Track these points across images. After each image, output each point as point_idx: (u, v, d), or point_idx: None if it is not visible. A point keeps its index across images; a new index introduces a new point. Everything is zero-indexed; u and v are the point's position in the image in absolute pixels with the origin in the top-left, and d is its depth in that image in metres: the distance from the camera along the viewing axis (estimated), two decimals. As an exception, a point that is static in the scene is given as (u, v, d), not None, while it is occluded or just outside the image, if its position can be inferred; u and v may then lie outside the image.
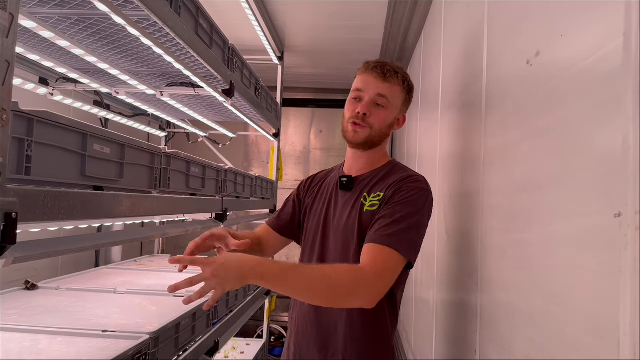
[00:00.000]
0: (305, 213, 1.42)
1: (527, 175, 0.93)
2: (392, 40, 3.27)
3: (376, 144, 1.32)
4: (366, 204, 1.25)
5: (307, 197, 1.43)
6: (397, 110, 1.32)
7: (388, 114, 1.30)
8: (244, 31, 3.12)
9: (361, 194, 1.28)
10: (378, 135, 1.30)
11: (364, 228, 1.22)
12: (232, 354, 3.13)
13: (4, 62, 0.74)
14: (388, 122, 1.31)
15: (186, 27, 1.50)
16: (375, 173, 1.32)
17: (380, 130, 1.30)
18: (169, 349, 1.54)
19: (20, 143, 0.88)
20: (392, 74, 1.29)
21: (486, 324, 1.16)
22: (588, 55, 0.70)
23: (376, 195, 1.25)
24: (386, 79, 1.28)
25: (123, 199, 1.21)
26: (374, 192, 1.26)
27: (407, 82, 1.33)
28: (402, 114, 1.35)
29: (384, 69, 1.29)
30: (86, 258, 3.06)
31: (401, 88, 1.31)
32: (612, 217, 0.60)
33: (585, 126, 0.71)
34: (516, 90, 1.02)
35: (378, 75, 1.29)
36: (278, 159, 3.70)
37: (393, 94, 1.29)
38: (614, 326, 0.59)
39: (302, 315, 1.31)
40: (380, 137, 1.31)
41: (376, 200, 1.24)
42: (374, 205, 1.23)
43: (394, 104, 1.30)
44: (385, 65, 1.30)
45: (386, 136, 1.33)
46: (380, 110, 1.29)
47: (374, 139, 1.30)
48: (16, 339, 1.34)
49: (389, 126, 1.32)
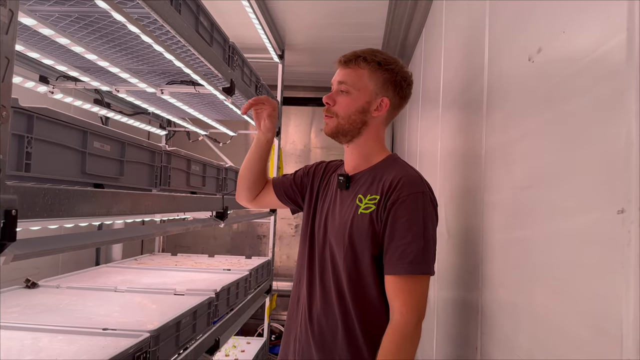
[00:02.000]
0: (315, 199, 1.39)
1: (529, 172, 0.93)
2: (393, 38, 3.26)
3: (352, 133, 1.27)
4: (361, 206, 1.23)
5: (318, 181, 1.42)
6: (367, 94, 1.25)
7: (352, 100, 1.25)
8: (245, 29, 3.12)
9: (356, 195, 1.26)
10: (347, 123, 1.26)
11: (354, 231, 1.21)
12: (232, 353, 3.13)
13: (3, 58, 0.73)
14: (355, 108, 1.25)
15: (186, 25, 1.49)
16: (371, 171, 1.28)
17: (349, 117, 1.25)
18: (169, 347, 1.54)
19: (20, 140, 0.88)
20: (352, 58, 1.26)
21: (488, 322, 1.15)
22: (591, 51, 0.70)
23: (372, 198, 1.22)
24: (346, 65, 1.27)
25: (123, 196, 1.21)
26: (369, 193, 1.23)
27: (379, 62, 1.26)
28: (381, 97, 1.26)
29: (345, 57, 1.27)
30: (86, 257, 3.06)
31: (369, 70, 1.25)
32: (615, 214, 0.60)
33: (588, 122, 0.70)
34: (518, 87, 1.01)
35: (339, 64, 1.28)
36: (279, 157, 3.70)
37: (356, 78, 1.25)
38: (617, 323, 0.58)
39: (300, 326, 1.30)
40: (352, 125, 1.26)
41: (372, 204, 1.21)
42: (369, 208, 1.21)
43: (360, 88, 1.25)
44: (348, 54, 1.28)
45: (361, 123, 1.26)
46: (344, 97, 1.26)
47: (344, 127, 1.26)
48: (17, 337, 1.34)
49: (359, 112, 1.25)
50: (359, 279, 1.21)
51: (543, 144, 0.86)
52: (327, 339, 1.24)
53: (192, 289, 2.05)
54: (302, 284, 1.33)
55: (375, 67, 1.26)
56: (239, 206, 2.48)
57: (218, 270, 2.71)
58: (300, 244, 1.39)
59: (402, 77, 1.29)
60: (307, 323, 1.28)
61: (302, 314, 1.30)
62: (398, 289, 1.15)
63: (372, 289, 1.21)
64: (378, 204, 1.20)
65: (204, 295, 1.97)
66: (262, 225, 4.74)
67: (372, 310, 1.21)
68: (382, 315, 1.20)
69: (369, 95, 1.26)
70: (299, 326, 1.31)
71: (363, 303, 1.21)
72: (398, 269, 1.15)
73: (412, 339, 1.13)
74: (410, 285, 1.15)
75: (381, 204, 1.19)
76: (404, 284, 1.15)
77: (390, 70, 1.27)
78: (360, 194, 1.25)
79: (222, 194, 2.21)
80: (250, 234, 4.79)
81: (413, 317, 1.13)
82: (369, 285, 1.21)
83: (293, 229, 4.80)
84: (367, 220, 1.20)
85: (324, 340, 1.24)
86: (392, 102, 1.28)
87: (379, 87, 1.26)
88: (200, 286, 2.16)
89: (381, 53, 1.29)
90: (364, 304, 1.21)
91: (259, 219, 3.97)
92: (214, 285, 2.17)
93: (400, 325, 1.13)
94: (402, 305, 1.14)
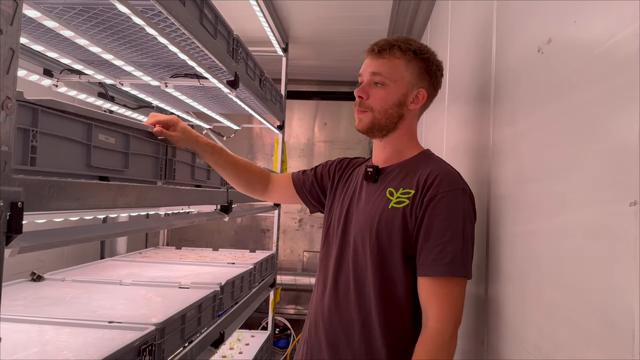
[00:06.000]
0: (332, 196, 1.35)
1: (538, 165, 0.92)
2: (398, 31, 3.24)
3: (388, 128, 1.20)
4: (392, 200, 1.15)
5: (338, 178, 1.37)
6: (404, 86, 1.18)
7: (389, 92, 1.18)
8: (248, 22, 3.10)
9: (386, 188, 1.18)
10: (384, 117, 1.19)
11: (383, 226, 1.14)
12: (237, 346, 3.14)
13: (8, 50, 0.73)
14: (392, 101, 1.18)
15: (191, 17, 1.48)
16: (403, 165, 1.21)
17: (385, 111, 1.18)
18: (174, 340, 1.54)
19: (25, 133, 0.87)
20: (386, 47, 1.17)
21: (494, 316, 1.15)
22: (602, 42, 0.69)
23: (405, 192, 1.14)
24: (380, 55, 1.18)
25: (129, 189, 1.21)
26: (402, 187, 1.15)
27: (414, 51, 1.18)
28: (418, 88, 1.19)
29: (377, 45, 1.18)
30: (91, 250, 3.07)
31: (405, 60, 1.18)
32: (627, 206, 0.59)
33: (599, 114, 0.69)
34: (526, 79, 1.00)
35: (370, 53, 1.20)
36: (282, 151, 3.69)
37: (391, 68, 1.17)
38: (629, 316, 0.58)
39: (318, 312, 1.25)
40: (388, 119, 1.19)
41: (405, 198, 1.13)
42: (402, 203, 1.13)
43: (396, 79, 1.17)
44: (380, 42, 1.19)
45: (398, 117, 1.19)
46: (379, 89, 1.18)
47: (380, 121, 1.19)
48: (23, 330, 1.35)
49: (396, 105, 1.18)
50: (384, 278, 1.14)
51: (552, 136, 0.85)
52: (339, 341, 1.18)
53: (197, 282, 2.06)
54: (319, 283, 1.29)
55: (411, 57, 1.18)
56: (243, 200, 2.48)
57: (222, 263, 2.71)
58: (320, 243, 1.34)
59: (437, 66, 1.23)
60: (320, 323, 1.23)
61: (317, 314, 1.25)
62: (433, 292, 1.07)
63: (399, 289, 1.13)
64: (413, 199, 1.12)
65: (208, 288, 1.97)
66: (266, 219, 4.75)
67: (397, 312, 1.13)
68: (407, 319, 1.13)
69: (406, 87, 1.19)
70: (313, 326, 1.26)
71: (387, 304, 1.13)
72: (434, 270, 1.07)
73: (447, 348, 1.05)
74: (447, 290, 1.06)
75: (417, 199, 1.12)
76: (440, 287, 1.07)
77: (427, 60, 1.20)
78: (391, 187, 1.17)
79: (227, 187, 2.21)
80: (254, 228, 4.80)
81: (449, 325, 1.05)
82: (395, 286, 1.13)
83: (297, 223, 4.80)
84: (399, 216, 1.12)
85: (337, 342, 1.18)
86: (428, 93, 1.22)
87: (415, 78, 1.19)
88: (205, 279, 2.16)
89: (414, 41, 1.22)
90: (388, 305, 1.13)
91: (263, 213, 3.97)
92: (218, 278, 2.17)
93: (435, 333, 1.05)
94: (437, 311, 1.06)
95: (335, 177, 1.38)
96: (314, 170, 1.45)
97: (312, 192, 1.43)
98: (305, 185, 1.44)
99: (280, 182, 1.51)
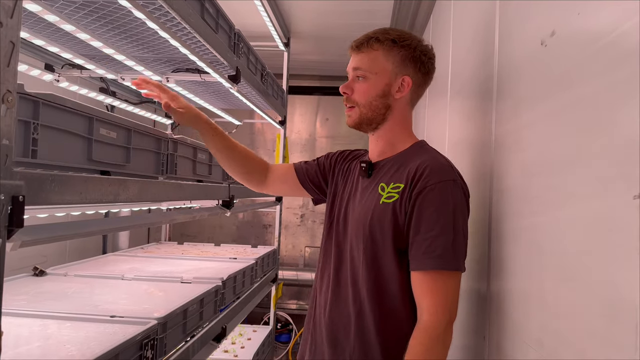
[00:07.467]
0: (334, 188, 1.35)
1: (541, 159, 0.91)
2: (400, 25, 3.22)
3: (376, 121, 1.20)
4: (383, 195, 1.15)
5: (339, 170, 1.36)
6: (386, 76, 1.18)
7: (371, 84, 1.18)
8: (250, 17, 3.09)
9: (378, 183, 1.18)
10: (369, 110, 1.19)
11: (375, 222, 1.13)
12: (239, 340, 3.15)
13: (8, 43, 0.73)
14: (375, 93, 1.18)
15: (192, 11, 1.48)
16: (396, 159, 1.20)
17: (370, 104, 1.18)
18: (177, 335, 1.55)
19: (27, 126, 0.87)
20: (364, 41, 1.19)
21: (496, 310, 1.15)
22: (606, 33, 0.68)
23: (395, 186, 1.13)
24: (359, 49, 1.20)
25: (130, 184, 1.21)
26: (393, 181, 1.15)
27: (393, 40, 1.18)
28: (401, 76, 1.18)
29: (356, 41, 1.20)
30: (93, 245, 3.07)
31: (384, 50, 1.18)
32: (630, 199, 0.59)
33: (603, 106, 0.69)
34: (529, 71, 0.99)
35: (352, 50, 1.22)
36: (284, 146, 3.69)
37: (370, 61, 1.18)
38: (633, 310, 0.57)
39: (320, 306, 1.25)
40: (374, 112, 1.19)
41: (395, 192, 1.13)
42: (392, 198, 1.13)
43: (377, 71, 1.18)
44: (359, 37, 1.21)
45: (384, 108, 1.19)
46: (361, 83, 1.19)
47: (367, 115, 1.19)
48: (25, 324, 1.35)
49: (380, 96, 1.18)
50: (377, 274, 1.13)
51: (555, 129, 0.85)
52: (339, 336, 1.18)
53: (199, 277, 2.06)
54: (318, 278, 1.29)
55: (389, 46, 1.18)
56: (245, 195, 2.48)
57: (224, 258, 2.71)
58: (322, 237, 1.34)
59: (421, 51, 1.20)
60: (321, 318, 1.23)
61: (318, 309, 1.26)
62: (425, 286, 1.07)
63: (392, 285, 1.12)
64: (402, 193, 1.12)
65: (210, 283, 1.98)
66: (267, 215, 4.75)
67: (390, 308, 1.13)
68: (401, 314, 1.12)
69: (388, 76, 1.18)
70: (314, 321, 1.27)
71: (380, 300, 1.13)
72: (425, 264, 1.06)
73: (442, 341, 1.05)
74: (439, 283, 1.06)
75: (405, 193, 1.11)
76: (432, 281, 1.06)
77: (407, 46, 1.18)
78: (383, 182, 1.17)
79: (228, 182, 2.21)
80: (256, 223, 4.80)
81: (443, 318, 1.05)
82: (389, 282, 1.12)
83: (299, 219, 4.80)
84: (389, 211, 1.12)
85: (337, 337, 1.18)
86: (414, 79, 1.20)
87: (398, 66, 1.18)
88: (207, 274, 2.16)
89: (394, 30, 1.21)
90: (381, 301, 1.13)
91: (264, 208, 3.97)
92: (220, 273, 2.17)
93: (428, 326, 1.05)
94: (431, 304, 1.05)
95: (336, 169, 1.38)
96: (317, 161, 1.45)
97: (315, 182, 1.43)
98: (308, 175, 1.43)
99: (279, 172, 1.49)
